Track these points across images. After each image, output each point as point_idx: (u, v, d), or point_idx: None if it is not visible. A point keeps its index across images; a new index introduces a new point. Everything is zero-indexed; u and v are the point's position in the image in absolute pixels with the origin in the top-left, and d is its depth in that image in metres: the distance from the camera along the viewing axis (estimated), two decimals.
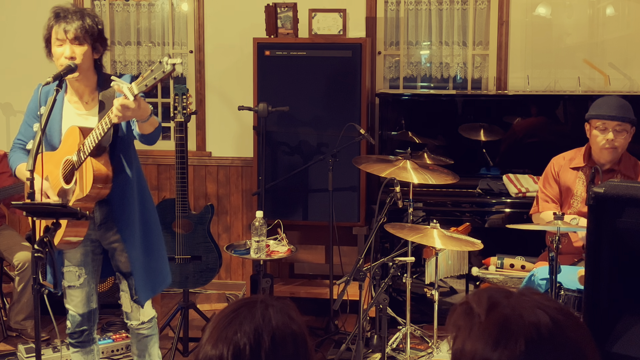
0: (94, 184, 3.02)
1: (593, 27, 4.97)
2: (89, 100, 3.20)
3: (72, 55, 3.06)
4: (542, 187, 3.95)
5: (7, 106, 5.49)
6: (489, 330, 1.27)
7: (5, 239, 4.49)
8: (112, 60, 5.39)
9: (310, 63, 4.67)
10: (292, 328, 1.41)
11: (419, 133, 4.88)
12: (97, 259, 3.31)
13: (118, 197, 3.16)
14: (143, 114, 2.91)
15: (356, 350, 3.53)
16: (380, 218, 3.58)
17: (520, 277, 3.84)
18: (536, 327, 1.25)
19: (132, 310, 3.31)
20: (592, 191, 2.43)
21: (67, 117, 3.19)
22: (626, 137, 3.71)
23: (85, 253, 3.27)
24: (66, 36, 3.08)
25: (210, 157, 5.35)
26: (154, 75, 2.74)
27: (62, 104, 3.20)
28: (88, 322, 3.33)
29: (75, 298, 3.30)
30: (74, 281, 3.28)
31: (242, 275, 5.36)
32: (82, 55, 3.09)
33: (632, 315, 2.39)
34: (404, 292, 4.16)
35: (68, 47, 3.07)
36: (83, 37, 3.08)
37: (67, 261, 3.27)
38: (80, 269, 3.27)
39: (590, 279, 2.47)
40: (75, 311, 3.30)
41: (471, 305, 1.32)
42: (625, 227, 2.39)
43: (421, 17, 5.13)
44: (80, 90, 3.19)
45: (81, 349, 3.36)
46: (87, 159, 3.01)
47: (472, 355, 1.27)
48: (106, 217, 3.21)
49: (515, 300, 1.30)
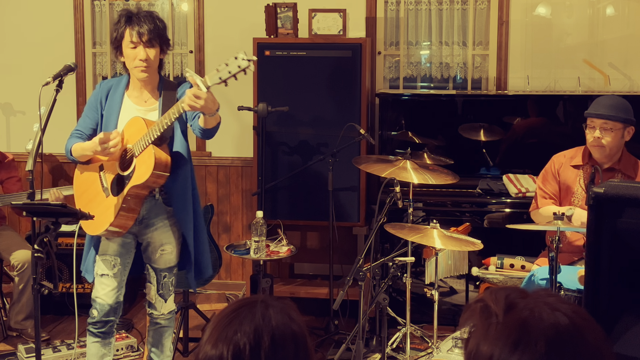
0: (154, 171, 3.13)
1: (593, 27, 4.97)
2: (148, 98, 3.36)
3: (146, 58, 3.24)
4: (541, 185, 3.95)
5: (7, 106, 5.49)
6: (508, 331, 1.24)
7: (4, 239, 4.49)
8: (112, 60, 5.39)
9: (310, 63, 4.67)
10: (292, 328, 1.41)
11: (419, 133, 4.88)
12: (131, 253, 3.43)
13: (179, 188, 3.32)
14: (212, 107, 3.01)
15: (356, 350, 3.53)
16: (380, 218, 3.58)
17: (520, 277, 3.84)
18: (556, 329, 1.23)
19: (156, 302, 3.45)
20: (592, 191, 2.43)
21: (125, 111, 3.33)
22: (615, 135, 3.70)
23: (123, 244, 3.38)
24: (140, 40, 3.24)
25: (210, 157, 5.35)
26: (228, 69, 2.85)
27: (122, 99, 3.35)
28: (114, 313, 3.41)
29: (106, 287, 3.36)
30: (108, 270, 3.36)
31: (242, 275, 5.37)
32: (154, 57, 3.27)
33: (632, 315, 2.39)
34: (404, 292, 4.16)
35: (142, 50, 3.24)
36: (155, 40, 3.26)
37: (103, 249, 3.37)
38: (116, 259, 3.37)
39: (590, 279, 2.46)
40: (105, 301, 3.37)
41: (488, 304, 1.29)
42: (625, 227, 2.39)
43: (421, 17, 5.13)
44: (142, 88, 3.35)
45: (101, 340, 3.42)
46: (149, 146, 3.13)
47: (489, 357, 1.24)
48: (149, 212, 3.34)
49: (532, 301, 1.27)
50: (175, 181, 3.29)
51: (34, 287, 2.93)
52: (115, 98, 3.34)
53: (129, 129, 3.24)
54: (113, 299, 3.37)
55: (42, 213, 2.97)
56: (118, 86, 3.37)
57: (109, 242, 3.37)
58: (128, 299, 4.84)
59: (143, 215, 3.35)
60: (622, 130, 3.71)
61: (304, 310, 3.87)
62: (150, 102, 3.35)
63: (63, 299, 4.70)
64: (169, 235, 3.39)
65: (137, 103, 3.35)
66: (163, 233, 3.37)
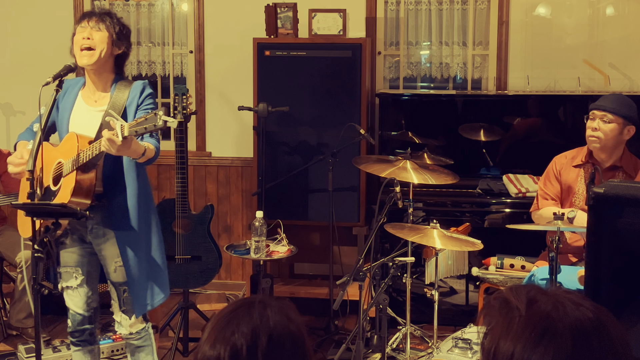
0: (72, 196, 3.03)
1: (593, 27, 4.97)
2: (99, 98, 3.22)
3: (89, 37, 3.10)
4: (542, 185, 3.95)
5: (7, 106, 5.49)
6: (532, 324, 1.21)
7: (6, 239, 4.50)
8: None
9: (310, 63, 4.67)
10: (290, 329, 1.41)
11: (419, 133, 4.88)
12: (94, 260, 3.29)
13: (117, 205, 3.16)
14: (132, 153, 2.95)
15: (356, 350, 3.53)
16: (380, 218, 3.58)
17: (520, 277, 3.84)
18: (581, 323, 1.20)
19: (121, 320, 3.28)
20: (592, 191, 2.43)
21: (77, 110, 3.24)
22: (613, 129, 3.69)
23: (82, 254, 3.27)
24: (88, 24, 3.14)
25: (210, 157, 5.35)
26: (145, 125, 2.77)
27: (76, 98, 3.25)
28: (89, 321, 3.33)
29: (74, 298, 3.30)
30: (72, 282, 3.28)
31: (242, 276, 5.36)
32: (99, 41, 3.13)
33: (632, 315, 2.39)
34: (404, 292, 4.16)
35: (87, 30, 3.13)
36: (103, 24, 3.13)
37: (64, 262, 3.27)
38: (77, 270, 3.27)
39: (590, 279, 2.46)
40: (75, 310, 3.30)
41: (508, 300, 1.26)
42: (625, 227, 2.39)
43: (421, 17, 5.13)
44: (93, 86, 3.23)
45: (82, 348, 3.36)
46: (73, 171, 3.04)
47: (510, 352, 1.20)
48: (99, 223, 3.20)
49: (554, 296, 1.25)
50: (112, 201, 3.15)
51: (34, 287, 2.93)
52: (70, 97, 3.24)
53: (65, 144, 3.14)
54: (83, 308, 3.28)
55: (42, 213, 2.96)
56: (75, 86, 3.27)
57: (68, 253, 3.25)
58: None
59: (92, 225, 3.20)
60: (621, 126, 3.70)
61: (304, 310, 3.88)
62: (101, 102, 3.21)
63: (63, 299, 4.69)
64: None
65: (88, 103, 3.23)
66: (115, 244, 3.18)
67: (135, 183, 3.17)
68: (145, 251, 3.23)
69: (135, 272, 3.18)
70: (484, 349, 1.26)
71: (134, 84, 3.21)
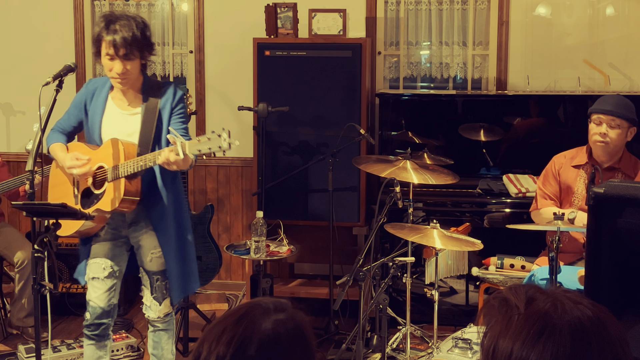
0: (121, 204, 3.18)
1: (593, 27, 4.97)
2: (132, 101, 3.30)
3: (123, 72, 3.17)
4: (541, 185, 3.95)
5: (7, 106, 5.49)
6: (531, 322, 1.20)
7: (4, 236, 4.49)
8: None
9: (310, 63, 4.66)
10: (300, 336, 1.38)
11: (419, 133, 4.88)
12: (124, 256, 3.41)
13: (155, 201, 3.30)
14: (185, 165, 3.07)
15: (356, 350, 3.53)
16: (380, 218, 3.58)
17: (520, 277, 3.84)
18: (580, 321, 1.20)
19: (151, 305, 3.42)
20: (592, 191, 2.43)
21: (109, 113, 3.30)
22: (620, 133, 3.71)
23: (113, 247, 3.37)
24: (117, 54, 3.13)
25: (210, 157, 5.34)
26: (209, 145, 2.89)
27: (106, 101, 3.31)
28: (107, 316, 3.39)
29: (97, 290, 3.36)
30: (99, 273, 3.35)
31: (242, 276, 5.36)
32: (131, 69, 3.19)
33: (632, 315, 2.39)
34: (404, 292, 4.16)
35: (119, 64, 3.16)
36: (132, 52, 3.15)
37: (94, 253, 3.36)
38: (106, 262, 3.36)
39: (590, 279, 2.47)
40: (97, 303, 3.36)
41: (508, 299, 1.26)
42: (625, 227, 2.39)
43: (421, 17, 5.13)
44: (125, 91, 3.29)
45: (96, 342, 3.41)
46: (121, 178, 3.16)
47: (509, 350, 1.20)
48: (138, 216, 3.33)
49: (553, 295, 1.25)
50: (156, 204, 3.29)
51: (34, 287, 2.93)
52: (99, 100, 3.30)
53: (107, 149, 3.22)
54: (105, 302, 3.36)
55: (42, 213, 2.96)
56: (103, 87, 3.32)
57: (100, 245, 3.36)
58: (128, 299, 4.85)
59: (132, 219, 3.34)
60: (626, 129, 3.72)
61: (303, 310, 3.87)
62: (133, 105, 3.29)
63: (63, 299, 4.70)
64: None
65: (120, 106, 3.30)
66: (154, 236, 3.34)
67: (172, 185, 3.33)
68: (182, 245, 3.38)
69: (173, 264, 3.34)
70: (484, 347, 1.26)
71: (164, 85, 3.32)
